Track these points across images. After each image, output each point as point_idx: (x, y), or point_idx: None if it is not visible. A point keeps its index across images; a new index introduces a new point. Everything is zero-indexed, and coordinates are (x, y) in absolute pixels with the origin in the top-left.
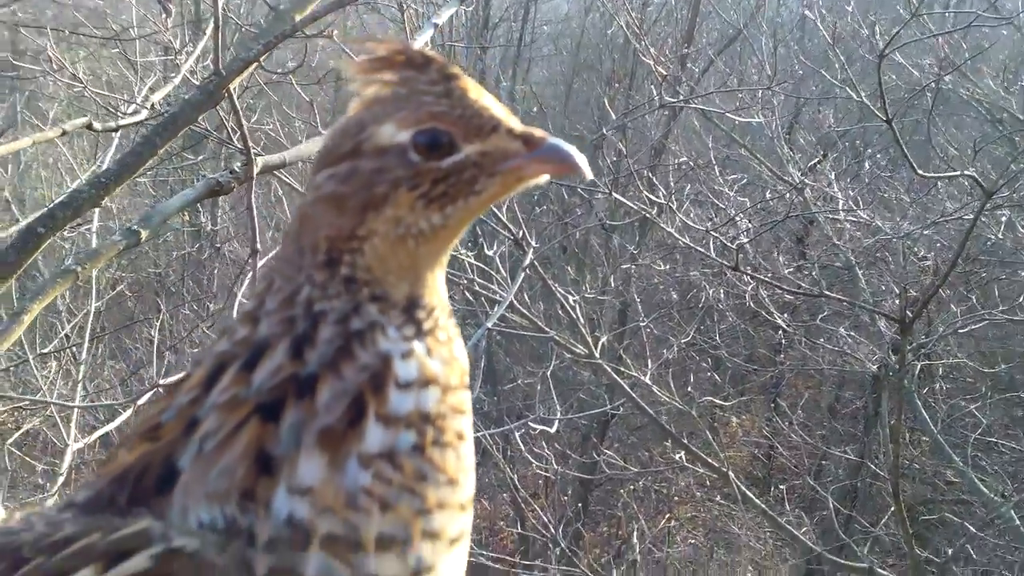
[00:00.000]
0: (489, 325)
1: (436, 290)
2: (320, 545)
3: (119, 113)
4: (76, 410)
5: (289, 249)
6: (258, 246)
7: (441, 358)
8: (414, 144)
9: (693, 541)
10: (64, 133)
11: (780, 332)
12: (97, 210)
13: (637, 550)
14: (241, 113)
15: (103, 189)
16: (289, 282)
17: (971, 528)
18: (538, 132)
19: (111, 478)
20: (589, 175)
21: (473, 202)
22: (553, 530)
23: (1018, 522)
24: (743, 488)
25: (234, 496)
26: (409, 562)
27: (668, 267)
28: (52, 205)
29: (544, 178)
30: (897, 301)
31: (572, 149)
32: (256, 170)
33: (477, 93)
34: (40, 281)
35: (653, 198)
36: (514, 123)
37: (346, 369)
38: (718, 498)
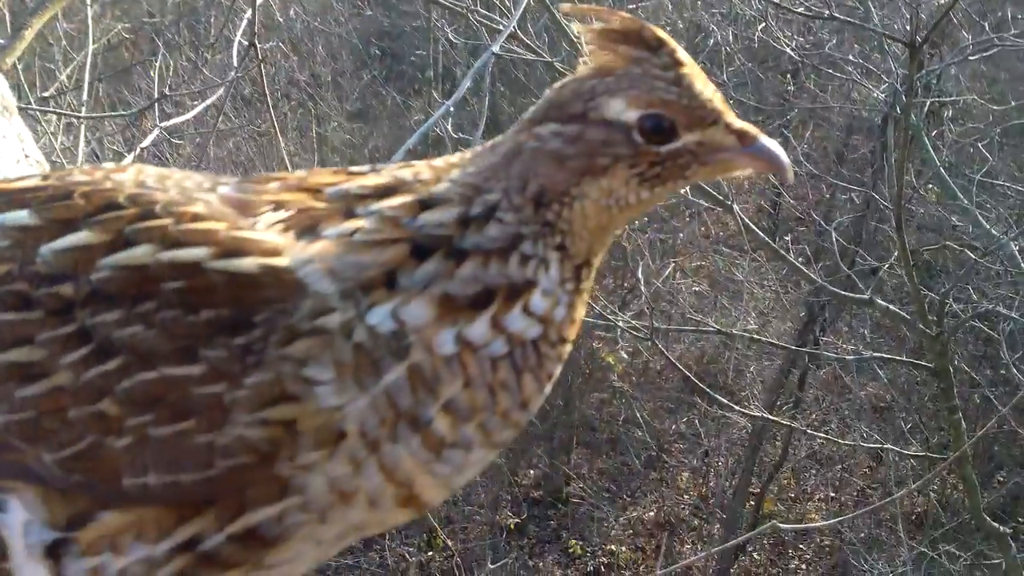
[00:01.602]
0: (495, 50)
1: (605, 252)
2: (408, 367)
3: None
4: (81, 156)
5: (496, 159)
6: None
7: (572, 315)
8: (640, 126)
9: (698, 289)
10: None
11: (788, 76)
12: None
13: (643, 284)
14: None
15: None
16: (482, 178)
17: (971, 255)
18: (751, 129)
19: (262, 198)
20: (791, 177)
21: (681, 184)
22: None
23: (1017, 254)
24: (746, 220)
25: (352, 284)
26: (458, 433)
27: (673, 4)
28: None
29: (748, 171)
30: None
31: (779, 150)
32: None
33: (703, 83)
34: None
35: None
36: (731, 117)
37: (492, 266)
38: (723, 248)
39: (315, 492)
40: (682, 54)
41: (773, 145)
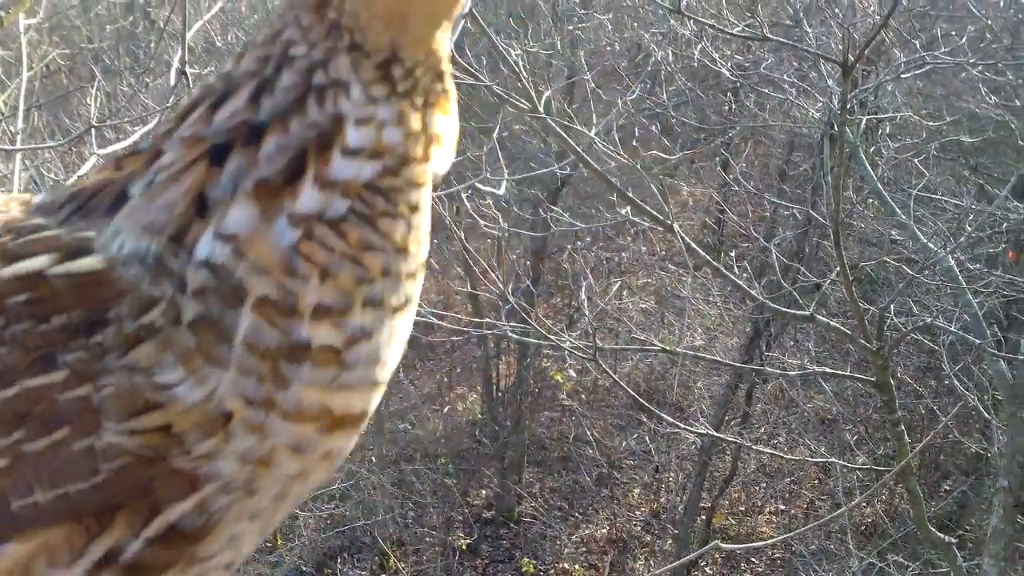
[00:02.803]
0: None
1: (429, 48)
2: (253, 307)
3: None
4: (17, 184)
5: None
6: None
7: (406, 127)
8: None
9: (644, 307)
10: None
11: (729, 95)
12: None
13: (586, 306)
14: None
15: None
16: (281, 20)
17: (908, 272)
18: None
19: (68, 193)
20: None
21: None
22: (502, 287)
23: (953, 266)
24: (687, 240)
25: (166, 233)
26: (345, 330)
27: (613, 25)
28: None
29: None
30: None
31: None
32: None
33: None
34: None
35: None
36: None
37: (294, 124)
38: (669, 265)
39: (230, 473)
40: None
41: None
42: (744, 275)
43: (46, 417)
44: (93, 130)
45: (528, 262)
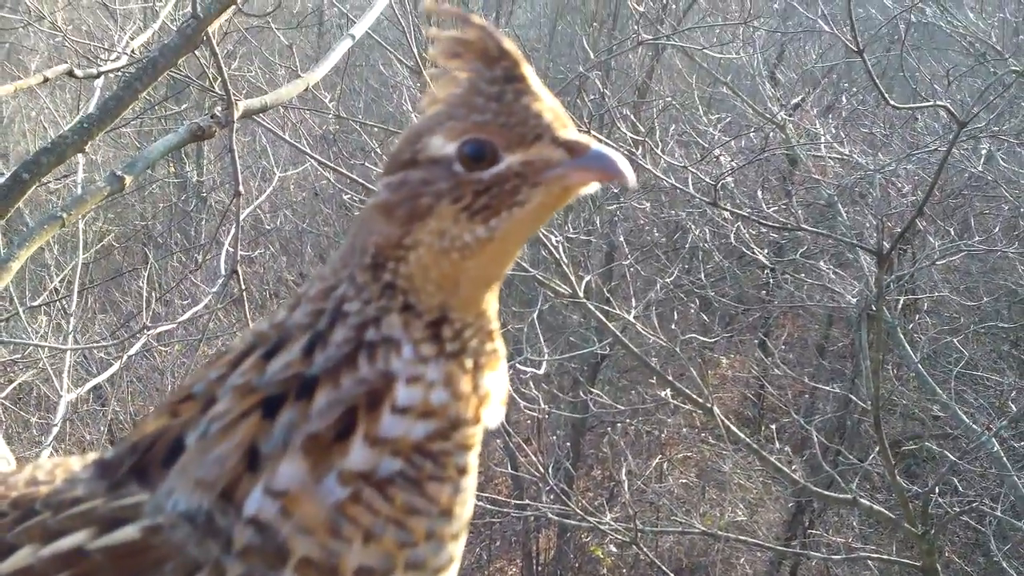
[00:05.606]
0: None
1: (478, 310)
2: (295, 567)
3: (99, 61)
4: (68, 361)
5: (347, 244)
6: (241, 188)
7: (455, 389)
8: (459, 155)
9: (685, 481)
10: (46, 80)
11: (767, 272)
12: (82, 162)
13: (627, 487)
14: (220, 57)
15: (86, 134)
16: (335, 275)
17: (951, 456)
18: (583, 139)
19: (129, 445)
20: (633, 182)
21: (519, 214)
22: (543, 470)
23: (999, 451)
24: (727, 423)
25: (217, 488)
26: None
27: (651, 204)
28: (36, 151)
29: (593, 186)
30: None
31: (617, 156)
32: (237, 113)
33: (531, 98)
34: (26, 230)
35: (635, 137)
36: (562, 130)
37: (345, 379)
38: (709, 438)
39: None
40: (521, 69)
41: (608, 152)
42: (784, 450)
43: None
44: (145, 303)
45: (568, 442)
